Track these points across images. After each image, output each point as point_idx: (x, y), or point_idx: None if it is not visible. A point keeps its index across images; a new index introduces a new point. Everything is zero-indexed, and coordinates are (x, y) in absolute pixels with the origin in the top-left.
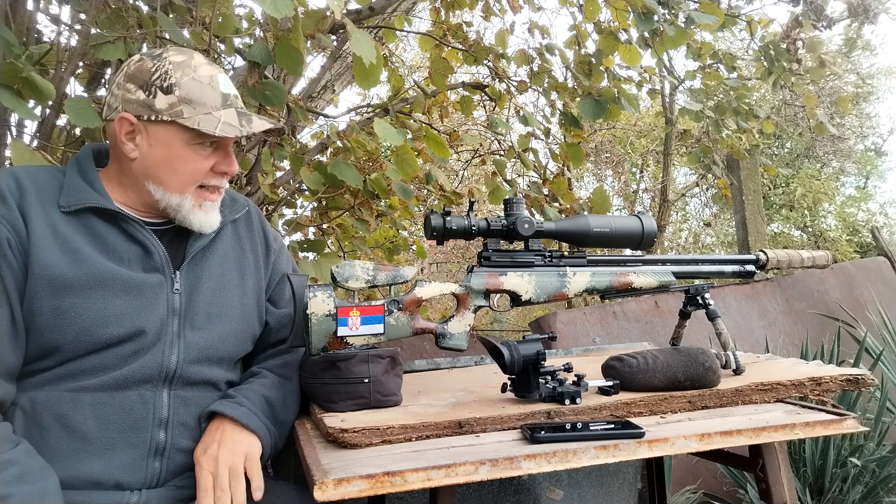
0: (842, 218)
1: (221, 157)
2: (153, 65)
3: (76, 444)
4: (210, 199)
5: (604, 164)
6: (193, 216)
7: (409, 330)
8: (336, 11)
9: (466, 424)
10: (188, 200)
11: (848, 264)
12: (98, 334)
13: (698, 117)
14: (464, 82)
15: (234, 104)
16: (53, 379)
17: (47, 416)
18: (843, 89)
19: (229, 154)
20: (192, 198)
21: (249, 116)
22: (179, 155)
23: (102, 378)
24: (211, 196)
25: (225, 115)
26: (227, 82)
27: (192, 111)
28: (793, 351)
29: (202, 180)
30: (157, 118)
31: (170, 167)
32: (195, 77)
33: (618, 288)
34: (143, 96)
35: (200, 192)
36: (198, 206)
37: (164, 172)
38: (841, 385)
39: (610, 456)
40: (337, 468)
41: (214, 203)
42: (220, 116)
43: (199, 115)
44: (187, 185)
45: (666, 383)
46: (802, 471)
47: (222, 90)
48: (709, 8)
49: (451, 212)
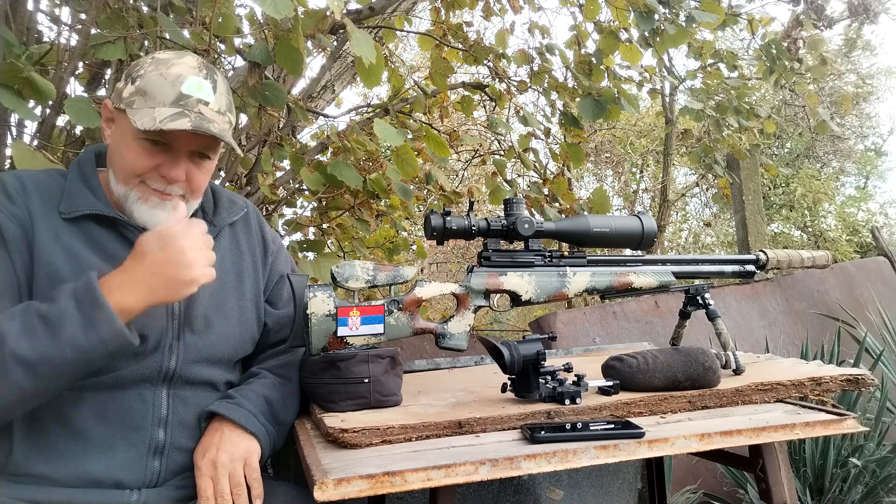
0: (842, 218)
1: (167, 161)
2: (145, 60)
3: (76, 442)
4: (155, 195)
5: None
6: (137, 209)
7: (409, 330)
8: (336, 11)
9: (466, 424)
10: (133, 192)
11: (848, 264)
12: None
13: (699, 116)
14: (464, 82)
15: (190, 107)
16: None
17: (48, 416)
18: (843, 89)
19: (177, 160)
20: (136, 191)
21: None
22: (127, 145)
23: (103, 378)
24: (155, 193)
25: (162, 111)
26: (198, 86)
27: (142, 103)
28: (793, 351)
29: (143, 177)
30: (118, 106)
31: (119, 155)
32: (162, 73)
33: (618, 288)
34: (121, 84)
35: (143, 187)
36: (143, 200)
37: (115, 160)
38: (841, 385)
39: (610, 456)
40: (337, 468)
41: (163, 201)
42: (156, 112)
43: (144, 108)
44: (128, 176)
45: (666, 383)
46: (802, 471)
47: (182, 90)
48: (710, 6)
49: (451, 212)
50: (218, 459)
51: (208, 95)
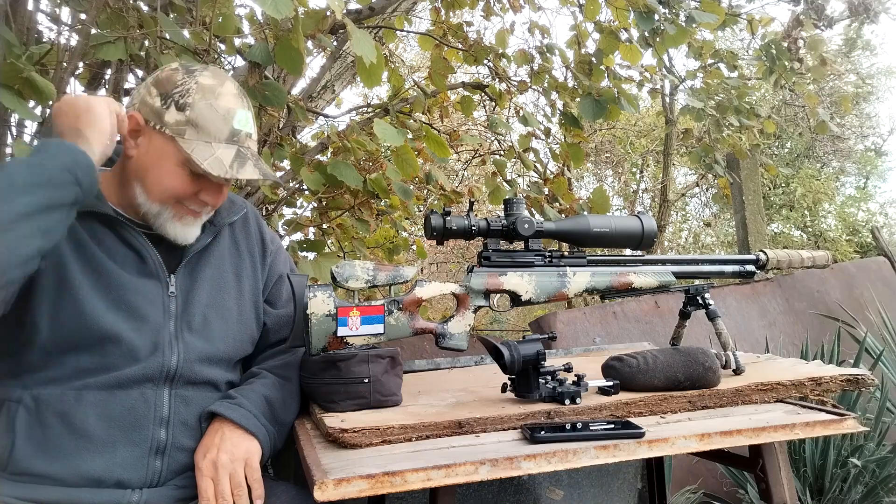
0: (842, 218)
1: (209, 187)
2: (182, 79)
3: (78, 441)
4: (190, 215)
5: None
6: (170, 226)
7: (409, 330)
8: (336, 11)
9: (466, 424)
10: (168, 211)
11: (848, 264)
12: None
13: (700, 116)
14: (464, 82)
15: (241, 143)
16: (57, 377)
17: (50, 414)
18: (843, 89)
19: (220, 187)
20: (172, 209)
21: (245, 160)
22: (169, 171)
23: (105, 377)
24: (191, 213)
25: (222, 151)
26: (245, 120)
27: (194, 135)
28: (793, 351)
29: (183, 200)
30: (161, 128)
31: (157, 177)
32: (212, 104)
33: (618, 288)
34: (159, 104)
35: (179, 206)
36: (177, 218)
37: (151, 180)
38: (841, 385)
39: (610, 456)
40: (337, 468)
41: (196, 219)
42: (216, 151)
43: (199, 141)
44: (167, 199)
45: (666, 383)
46: (802, 471)
47: (234, 125)
48: (710, 6)
49: (451, 212)
50: (219, 460)
51: (251, 127)
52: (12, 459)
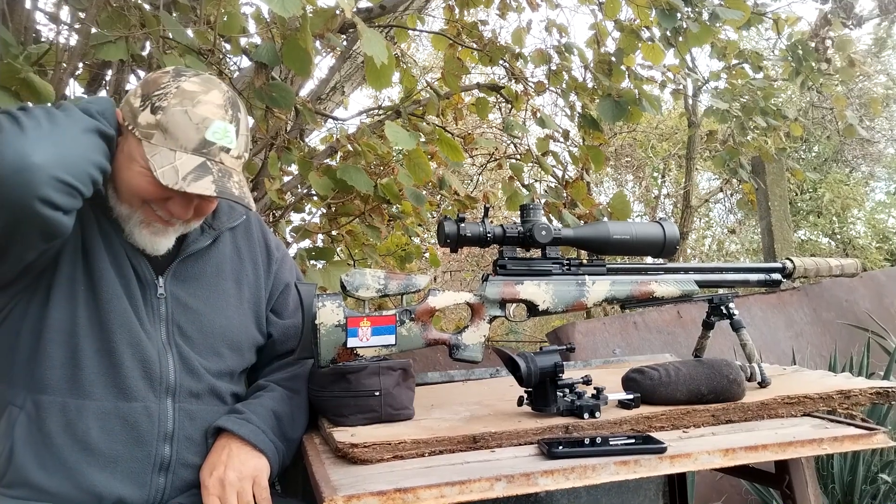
0: (871, 224)
1: (177, 198)
2: (166, 82)
3: (80, 454)
4: (159, 222)
5: (624, 168)
6: (138, 233)
7: (421, 341)
8: (346, 10)
9: (481, 439)
10: (136, 215)
11: (878, 273)
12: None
13: (724, 117)
14: (478, 83)
15: (212, 155)
16: (58, 383)
17: (52, 422)
18: (873, 91)
19: (188, 202)
20: (140, 213)
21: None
22: (137, 172)
23: (106, 388)
24: (159, 220)
25: (185, 160)
26: (223, 132)
27: (161, 140)
28: (820, 363)
29: (150, 203)
30: (132, 129)
31: (126, 178)
32: (187, 111)
33: (639, 297)
34: (138, 105)
35: (148, 211)
36: (145, 224)
37: (120, 180)
38: (870, 398)
39: (630, 472)
40: (346, 484)
41: (166, 228)
42: (177, 159)
43: (164, 147)
44: (134, 202)
45: (689, 396)
46: (830, 487)
47: (207, 136)
48: (734, 3)
49: (465, 218)
50: (226, 478)
51: (231, 142)
52: (11, 468)
